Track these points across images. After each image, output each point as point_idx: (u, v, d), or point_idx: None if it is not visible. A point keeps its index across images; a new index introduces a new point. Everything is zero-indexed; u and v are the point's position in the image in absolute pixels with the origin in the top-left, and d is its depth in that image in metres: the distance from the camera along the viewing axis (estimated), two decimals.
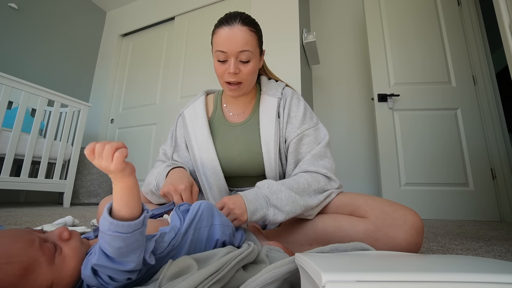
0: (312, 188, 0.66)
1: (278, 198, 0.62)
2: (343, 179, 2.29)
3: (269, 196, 0.62)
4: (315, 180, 0.67)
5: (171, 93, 2.54)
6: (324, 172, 0.69)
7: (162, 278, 0.36)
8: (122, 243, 0.32)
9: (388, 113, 2.02)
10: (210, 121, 0.84)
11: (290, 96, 0.79)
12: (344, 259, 0.33)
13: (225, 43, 0.69)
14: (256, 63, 0.73)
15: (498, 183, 1.78)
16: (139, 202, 0.35)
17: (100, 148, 0.33)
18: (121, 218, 0.33)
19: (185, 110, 0.86)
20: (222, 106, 0.86)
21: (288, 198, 0.62)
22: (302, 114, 0.76)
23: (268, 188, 0.64)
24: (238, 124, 0.80)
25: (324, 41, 2.61)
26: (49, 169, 2.14)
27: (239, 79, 0.72)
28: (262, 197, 0.63)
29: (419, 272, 0.25)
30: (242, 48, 0.69)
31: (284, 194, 0.63)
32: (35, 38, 2.57)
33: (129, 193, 0.34)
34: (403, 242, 0.56)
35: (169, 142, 0.87)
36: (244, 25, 0.70)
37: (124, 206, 0.34)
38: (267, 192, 0.63)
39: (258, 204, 0.61)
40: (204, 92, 0.90)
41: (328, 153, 0.73)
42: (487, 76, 1.95)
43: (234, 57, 0.69)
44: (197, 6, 2.61)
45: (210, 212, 0.50)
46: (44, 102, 1.94)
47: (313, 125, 0.76)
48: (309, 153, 0.72)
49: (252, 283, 0.37)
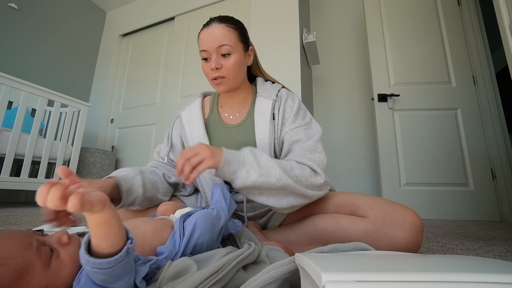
0: (295, 173, 0.63)
1: (257, 159, 0.61)
2: (343, 179, 2.29)
3: (249, 154, 0.62)
4: (299, 167, 0.65)
5: (171, 93, 2.54)
6: (310, 164, 0.66)
7: (162, 278, 0.36)
8: (105, 276, 0.30)
9: (388, 113, 2.02)
10: (206, 122, 0.84)
11: (285, 97, 0.79)
12: (344, 259, 0.33)
13: (204, 42, 0.73)
14: (238, 58, 0.74)
15: (498, 183, 1.78)
16: (119, 233, 0.32)
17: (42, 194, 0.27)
18: (102, 252, 0.30)
19: (182, 112, 0.87)
20: (218, 108, 0.86)
21: (266, 163, 0.61)
22: (294, 113, 0.76)
23: (251, 150, 0.64)
24: (234, 126, 0.81)
25: (324, 41, 2.61)
26: (49, 169, 2.14)
27: (222, 73, 0.73)
28: (242, 153, 0.63)
29: (419, 272, 0.25)
30: (220, 43, 0.72)
31: (264, 158, 0.62)
32: (35, 38, 2.57)
33: (105, 227, 0.30)
34: (403, 242, 0.57)
35: (165, 141, 0.88)
36: (221, 23, 0.74)
37: (101, 241, 0.30)
38: (248, 151, 0.63)
39: (235, 157, 0.61)
40: (201, 94, 0.91)
41: (319, 147, 0.71)
42: (487, 76, 1.95)
43: (215, 53, 0.72)
44: (197, 6, 2.61)
45: (208, 223, 0.49)
46: (44, 102, 1.94)
47: (304, 123, 0.75)
48: (299, 147, 0.71)
49: (252, 283, 0.37)
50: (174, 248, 0.44)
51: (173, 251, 0.44)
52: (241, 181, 0.60)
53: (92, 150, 2.38)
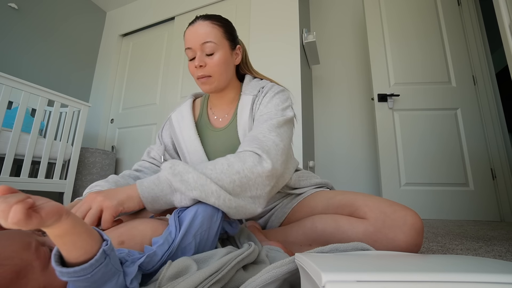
0: (235, 169, 0.53)
1: (182, 181, 0.51)
2: (343, 179, 2.29)
3: (171, 179, 0.51)
4: (240, 159, 0.55)
5: (171, 93, 2.54)
6: (255, 149, 0.57)
7: (162, 278, 0.36)
8: (87, 282, 0.29)
9: (388, 113, 2.02)
10: (196, 125, 0.82)
11: (267, 89, 0.75)
12: (344, 259, 0.33)
13: (188, 40, 0.72)
14: (223, 56, 0.73)
15: (498, 183, 1.78)
16: (90, 238, 0.29)
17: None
18: (76, 261, 0.28)
19: (172, 114, 0.86)
20: (207, 110, 0.85)
21: (196, 181, 0.50)
22: (268, 99, 0.71)
23: (171, 169, 0.52)
24: (221, 129, 0.79)
25: (324, 41, 2.61)
26: (49, 169, 2.14)
27: (207, 72, 0.72)
28: (164, 180, 0.52)
29: (419, 272, 0.25)
30: (204, 39, 0.70)
31: (191, 175, 0.51)
32: (35, 38, 2.57)
33: (70, 237, 0.28)
34: (403, 244, 0.56)
35: (158, 142, 0.87)
36: (205, 20, 0.72)
37: (71, 251, 0.28)
38: (168, 174, 0.52)
39: (158, 190, 0.51)
40: (192, 96, 0.89)
41: (272, 131, 0.63)
42: (487, 76, 1.95)
43: (199, 51, 0.71)
44: (197, 6, 2.61)
45: (208, 212, 0.49)
46: (44, 102, 1.94)
47: (275, 110, 0.69)
48: (251, 134, 0.64)
49: (252, 283, 0.37)
50: (170, 236, 0.43)
51: (169, 239, 0.43)
52: (179, 206, 0.52)
53: (92, 150, 2.38)
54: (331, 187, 0.86)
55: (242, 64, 0.85)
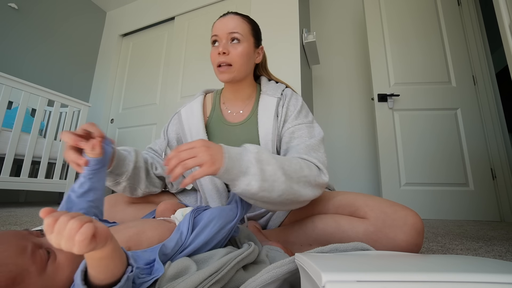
0: (304, 173, 0.59)
1: (262, 169, 0.53)
2: (343, 179, 2.29)
3: (254, 163, 0.53)
4: (308, 166, 0.61)
5: (171, 93, 2.54)
6: (316, 162, 0.64)
7: (161, 279, 0.36)
8: None
9: (388, 113, 2.02)
10: (208, 121, 0.83)
11: (290, 96, 0.79)
12: (344, 259, 0.33)
13: (216, 28, 0.76)
14: (247, 48, 0.75)
15: (498, 183, 1.78)
16: (120, 262, 0.30)
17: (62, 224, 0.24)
18: (100, 283, 0.29)
19: (182, 109, 0.86)
20: (220, 105, 0.85)
21: (272, 175, 0.53)
22: (297, 111, 0.75)
23: (257, 154, 0.54)
24: (237, 124, 0.80)
25: (324, 41, 2.61)
26: (49, 169, 2.14)
27: (229, 60, 0.73)
28: (246, 160, 0.54)
29: (419, 272, 0.25)
30: (232, 30, 0.73)
31: (271, 168, 0.54)
32: (35, 38, 2.57)
33: (107, 261, 0.28)
34: (403, 244, 0.56)
35: (162, 137, 0.86)
36: (236, 15, 0.77)
37: (101, 273, 0.29)
38: (253, 158, 0.54)
39: (237, 164, 0.52)
40: (202, 92, 0.89)
41: (321, 148, 0.69)
42: (487, 76, 1.95)
43: (224, 39, 0.74)
44: (197, 6, 2.61)
45: (224, 218, 0.50)
46: (44, 102, 1.94)
47: (307, 121, 0.74)
48: (303, 143, 0.68)
49: (252, 283, 0.37)
50: (181, 239, 0.44)
51: (179, 242, 0.43)
52: (239, 190, 0.53)
53: None
54: (332, 188, 0.86)
55: (260, 65, 0.88)
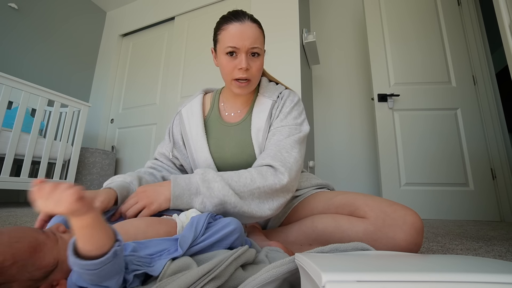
0: (256, 185, 0.61)
1: (209, 188, 0.59)
2: (343, 179, 2.29)
3: (200, 184, 0.60)
4: (261, 175, 0.62)
5: (171, 93, 2.54)
6: (275, 164, 0.64)
7: (162, 275, 0.37)
8: (92, 276, 0.32)
9: (388, 113, 2.02)
10: (206, 120, 0.83)
11: (286, 97, 0.78)
12: (344, 259, 0.33)
13: (237, 39, 0.68)
14: (262, 61, 0.74)
15: (498, 183, 1.78)
16: (105, 236, 0.32)
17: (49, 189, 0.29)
18: (88, 254, 0.31)
19: (182, 109, 0.86)
20: (219, 105, 0.85)
21: (220, 190, 0.59)
22: (287, 112, 0.74)
23: (203, 174, 0.61)
24: (233, 124, 0.80)
25: (324, 41, 2.61)
26: (49, 169, 2.14)
27: (249, 75, 0.71)
28: (194, 182, 0.61)
29: (419, 272, 0.25)
30: (254, 44, 0.69)
31: (217, 184, 0.59)
32: (35, 38, 2.57)
33: (90, 230, 0.31)
34: (403, 243, 0.56)
35: (167, 139, 0.86)
36: (253, 22, 0.72)
37: (86, 244, 0.31)
38: (199, 179, 0.60)
39: (186, 188, 0.60)
40: (202, 91, 0.90)
41: (296, 148, 0.68)
42: (487, 76, 1.95)
43: (245, 53, 0.69)
44: (197, 6, 2.61)
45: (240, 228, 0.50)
46: (44, 102, 1.94)
47: (294, 123, 0.73)
48: (274, 144, 0.68)
49: (252, 282, 0.37)
50: (196, 232, 0.45)
51: (194, 235, 0.44)
52: (199, 208, 0.59)
53: (92, 150, 2.38)
54: (332, 188, 0.86)
55: None
